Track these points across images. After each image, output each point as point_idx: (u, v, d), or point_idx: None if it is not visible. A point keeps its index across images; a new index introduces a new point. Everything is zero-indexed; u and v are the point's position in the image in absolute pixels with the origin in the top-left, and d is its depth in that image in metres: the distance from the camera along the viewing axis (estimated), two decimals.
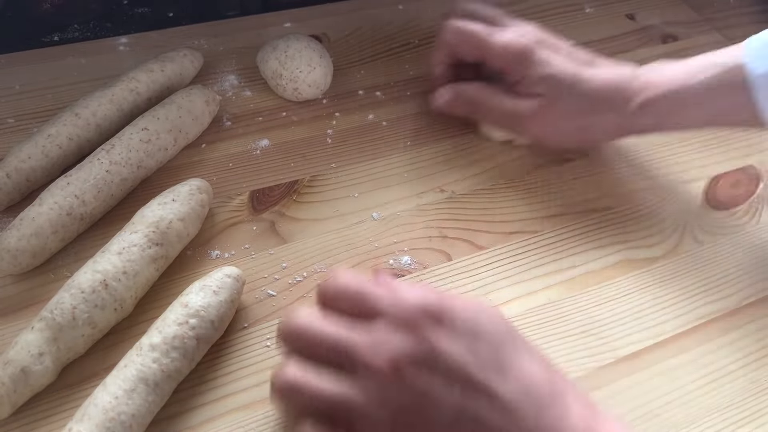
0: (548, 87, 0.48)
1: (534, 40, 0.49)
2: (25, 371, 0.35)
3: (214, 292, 0.39)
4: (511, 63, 0.49)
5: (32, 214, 0.42)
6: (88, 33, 0.60)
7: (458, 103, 0.52)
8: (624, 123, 0.48)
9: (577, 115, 0.48)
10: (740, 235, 0.49)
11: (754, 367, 0.42)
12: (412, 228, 0.47)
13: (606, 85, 0.47)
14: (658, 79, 0.47)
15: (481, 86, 0.51)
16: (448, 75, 0.53)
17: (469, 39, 0.50)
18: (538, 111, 0.48)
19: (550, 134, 0.50)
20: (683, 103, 0.46)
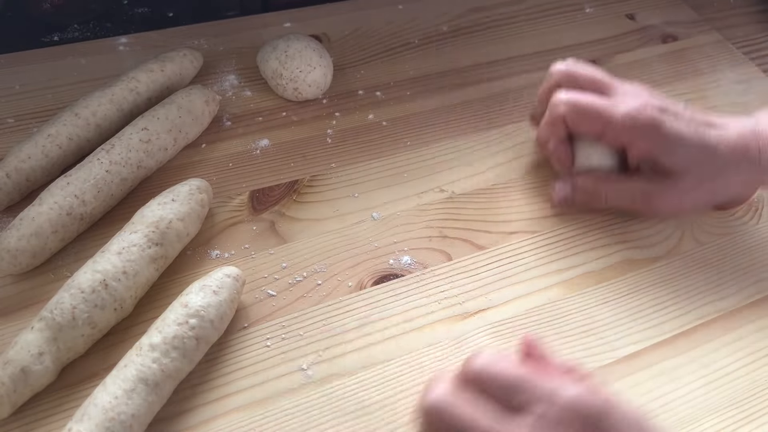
0: (677, 159, 0.45)
1: (657, 109, 0.45)
2: (25, 371, 0.35)
3: (214, 292, 0.39)
4: (637, 137, 0.45)
5: (32, 214, 0.42)
6: (88, 33, 0.60)
7: (582, 197, 0.48)
8: (755, 179, 0.46)
9: (709, 182, 0.46)
10: (740, 235, 0.49)
11: (754, 367, 0.42)
12: (412, 228, 0.47)
13: (734, 147, 0.45)
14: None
15: (600, 175, 0.48)
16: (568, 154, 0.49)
17: (588, 113, 0.46)
18: (669, 188, 0.46)
19: (683, 207, 0.48)
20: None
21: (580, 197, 0.48)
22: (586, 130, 0.47)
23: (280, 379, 0.39)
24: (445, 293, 0.44)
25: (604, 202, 0.48)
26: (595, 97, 0.47)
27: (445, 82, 0.59)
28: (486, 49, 0.63)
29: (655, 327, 0.43)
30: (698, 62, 0.63)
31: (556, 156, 0.49)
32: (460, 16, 0.66)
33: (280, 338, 0.41)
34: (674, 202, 0.47)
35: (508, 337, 0.42)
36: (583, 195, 0.48)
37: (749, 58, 0.64)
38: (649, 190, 0.46)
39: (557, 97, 0.47)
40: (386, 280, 0.44)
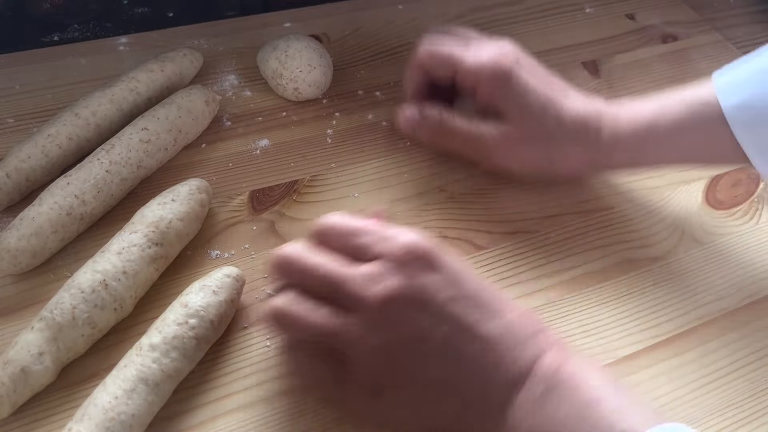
0: (520, 111, 0.46)
1: (513, 60, 0.46)
2: (25, 371, 0.36)
3: (213, 292, 0.39)
4: (486, 82, 0.46)
5: (32, 213, 0.42)
6: (88, 33, 0.60)
7: (422, 127, 0.50)
8: (593, 158, 0.46)
9: (544, 145, 0.46)
10: (740, 235, 0.49)
11: (754, 367, 0.42)
12: (411, 228, 0.47)
13: (577, 117, 0.46)
14: (628, 115, 0.46)
15: (446, 109, 0.49)
16: (419, 97, 0.50)
17: (442, 57, 0.47)
18: (503, 138, 0.46)
19: (514, 163, 0.48)
20: (654, 139, 0.45)
21: (425, 130, 0.50)
22: (440, 73, 0.48)
23: (280, 379, 0.39)
24: None
25: (447, 137, 0.49)
26: (456, 45, 0.48)
27: None
28: None
29: (655, 327, 0.43)
30: (698, 62, 0.63)
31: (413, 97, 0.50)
32: (460, 16, 0.66)
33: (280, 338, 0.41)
34: (507, 157, 0.48)
35: None
36: (428, 128, 0.49)
37: None
38: (487, 134, 0.47)
39: (420, 46, 0.49)
40: None
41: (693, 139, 0.45)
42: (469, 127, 0.48)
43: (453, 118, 0.48)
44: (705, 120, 0.44)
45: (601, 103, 0.47)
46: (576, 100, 0.47)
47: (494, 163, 0.49)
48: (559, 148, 0.46)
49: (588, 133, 0.46)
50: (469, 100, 0.49)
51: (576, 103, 0.46)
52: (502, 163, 0.48)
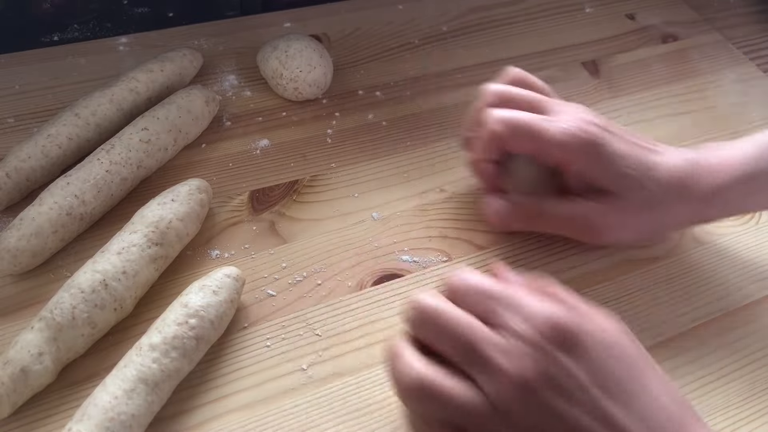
0: (620, 182, 0.43)
1: (597, 128, 0.43)
2: (25, 371, 0.35)
3: (213, 292, 0.39)
4: (576, 157, 0.43)
5: (32, 213, 0.42)
6: (88, 33, 0.60)
7: (516, 217, 0.46)
8: (694, 213, 0.45)
9: (647, 210, 0.43)
10: (740, 235, 0.49)
11: (754, 367, 0.42)
12: (412, 228, 0.47)
13: (673, 175, 0.43)
14: (723, 165, 0.44)
15: (536, 197, 0.45)
16: (495, 174, 0.46)
17: (523, 129, 0.43)
18: (608, 214, 0.44)
19: (621, 235, 0.45)
20: (754, 189, 0.44)
21: (518, 216, 0.46)
22: (522, 148, 0.44)
23: (280, 379, 0.39)
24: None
25: (541, 222, 0.46)
26: (531, 114, 0.44)
27: (445, 82, 0.59)
28: (486, 49, 0.63)
29: (655, 327, 0.43)
30: (698, 62, 0.63)
31: (486, 175, 0.46)
32: (460, 16, 0.66)
33: (280, 338, 0.41)
34: (614, 230, 0.44)
35: None
36: (521, 214, 0.46)
37: (749, 58, 0.64)
38: (591, 212, 0.44)
39: (491, 114, 0.44)
40: (386, 280, 0.44)
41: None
42: (571, 209, 0.44)
43: (548, 203, 0.45)
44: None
45: (692, 154, 0.45)
46: (668, 157, 0.44)
47: (600, 240, 0.46)
48: (661, 209, 0.44)
49: (688, 189, 0.43)
50: (526, 163, 0.45)
51: (669, 157, 0.44)
52: (609, 238, 0.45)
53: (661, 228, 0.46)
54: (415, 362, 0.33)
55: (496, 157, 0.45)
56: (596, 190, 0.43)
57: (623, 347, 0.32)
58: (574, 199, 0.44)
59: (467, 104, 0.56)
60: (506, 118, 0.43)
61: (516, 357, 0.31)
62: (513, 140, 0.43)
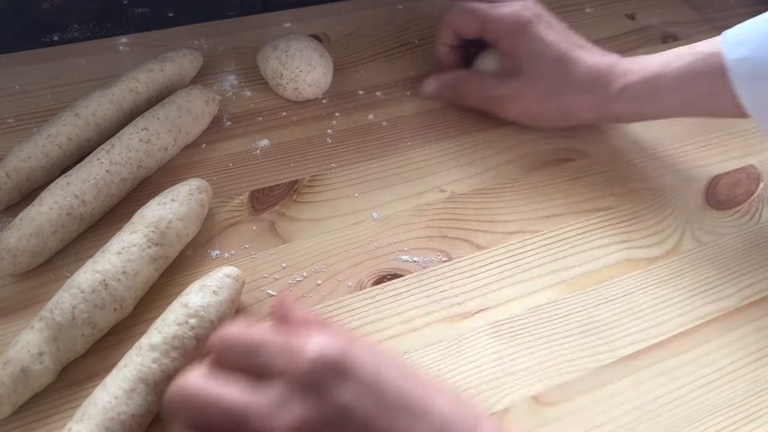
0: (536, 62, 0.49)
1: (533, 13, 0.50)
2: (25, 371, 0.35)
3: (213, 292, 0.39)
4: (507, 34, 0.50)
5: (32, 213, 0.42)
6: (88, 33, 0.60)
7: (444, 91, 0.54)
8: (602, 106, 0.49)
9: (557, 96, 0.50)
10: (740, 235, 0.49)
11: (754, 367, 0.42)
12: (412, 228, 0.47)
13: (589, 68, 0.49)
14: (636, 65, 0.49)
15: (463, 72, 0.54)
16: (452, 58, 0.55)
17: (469, 14, 0.52)
18: (518, 92, 0.51)
19: (530, 115, 0.52)
20: (659, 88, 0.47)
21: (447, 94, 0.54)
22: (467, 30, 0.52)
23: None
24: (445, 293, 0.44)
25: (464, 98, 0.54)
26: (482, 3, 0.51)
27: None
28: None
29: (655, 327, 0.43)
30: None
31: (443, 58, 0.55)
32: None
33: None
34: (522, 109, 0.52)
35: (509, 336, 0.42)
36: (449, 92, 0.54)
37: None
38: (502, 92, 0.51)
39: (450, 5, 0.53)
40: (386, 280, 0.44)
41: (695, 90, 0.47)
42: (483, 89, 0.53)
43: (468, 81, 0.53)
44: (708, 71, 0.46)
45: (615, 58, 0.50)
46: (590, 54, 0.50)
47: (511, 117, 0.53)
48: (570, 100, 0.50)
49: (599, 83, 0.49)
50: (489, 57, 0.54)
51: (591, 54, 0.50)
52: (518, 116, 0.53)
53: (565, 114, 0.52)
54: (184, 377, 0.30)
55: (451, 41, 0.54)
56: (513, 72, 0.51)
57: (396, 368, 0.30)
58: (489, 80, 0.52)
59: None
60: (459, 6, 0.52)
61: (285, 411, 0.28)
62: (460, 24, 0.53)
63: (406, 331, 0.42)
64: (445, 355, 0.41)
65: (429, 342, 0.41)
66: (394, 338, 0.41)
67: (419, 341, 0.41)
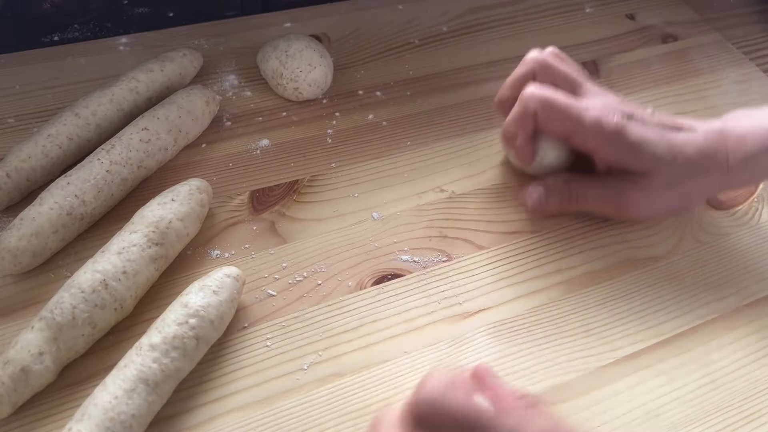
0: (647, 165, 0.45)
1: (624, 116, 0.45)
2: (25, 371, 0.36)
3: (213, 292, 0.39)
4: (604, 142, 0.45)
5: (32, 213, 0.42)
6: (88, 33, 0.60)
7: (550, 202, 0.48)
8: (723, 182, 0.46)
9: (678, 185, 0.46)
10: (740, 235, 0.49)
11: (754, 367, 0.42)
12: (412, 228, 0.47)
13: (701, 150, 0.45)
14: (750, 133, 0.45)
15: (570, 176, 0.48)
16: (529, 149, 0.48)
17: (560, 113, 0.45)
18: (638, 190, 0.46)
19: (653, 210, 0.47)
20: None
21: (553, 199, 0.47)
22: (556, 130, 0.46)
23: (280, 379, 0.39)
24: (445, 293, 0.44)
25: (576, 203, 0.47)
26: (567, 97, 0.45)
27: (445, 82, 0.59)
28: (486, 49, 0.63)
29: (655, 327, 0.43)
30: (698, 62, 0.63)
31: (521, 152, 0.48)
32: (460, 16, 0.66)
33: (280, 338, 0.41)
34: (645, 203, 0.46)
35: (508, 337, 0.42)
36: (556, 196, 0.47)
37: (749, 58, 0.64)
38: (621, 191, 0.46)
39: (530, 91, 0.45)
40: (386, 280, 0.44)
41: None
42: (603, 187, 0.47)
43: (583, 184, 0.47)
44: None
45: (718, 124, 0.46)
46: (694, 130, 0.46)
47: (633, 216, 0.48)
48: (692, 182, 0.46)
49: (718, 161, 0.45)
50: (554, 145, 0.48)
51: (695, 132, 0.45)
52: (641, 214, 0.48)
53: (690, 200, 0.48)
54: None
55: (529, 132, 0.47)
56: (629, 173, 0.45)
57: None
58: (605, 179, 0.47)
59: (468, 104, 0.57)
60: (546, 98, 0.45)
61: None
62: (549, 121, 0.45)
63: (406, 331, 0.42)
64: (445, 355, 0.41)
65: (429, 342, 0.41)
66: (394, 338, 0.41)
67: (419, 341, 0.41)
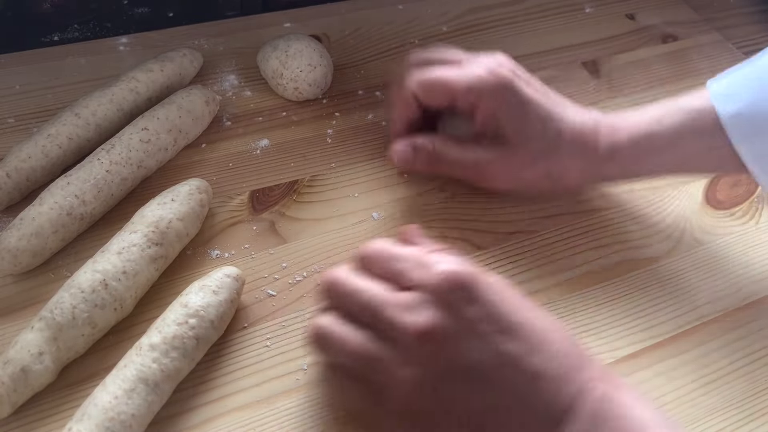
0: (521, 123, 0.44)
1: (511, 71, 0.44)
2: (25, 370, 0.36)
3: (213, 292, 0.39)
4: (487, 97, 0.44)
5: (32, 213, 0.42)
6: (88, 33, 0.60)
7: (416, 159, 0.47)
8: (590, 169, 0.46)
9: (546, 158, 0.45)
10: (740, 235, 0.49)
11: (754, 367, 0.42)
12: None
13: (576, 129, 0.45)
14: (623, 124, 0.45)
15: (440, 138, 0.47)
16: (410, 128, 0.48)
17: (437, 84, 0.45)
18: (503, 160, 0.45)
19: (515, 183, 0.47)
20: (650, 148, 0.44)
21: (420, 162, 0.47)
22: (437, 101, 0.46)
23: (280, 379, 0.39)
24: None
25: (440, 165, 0.47)
26: (442, 68, 0.46)
27: None
28: (485, 49, 0.62)
29: (655, 327, 0.43)
30: (698, 62, 0.64)
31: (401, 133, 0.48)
32: (460, 16, 0.66)
33: (280, 338, 0.41)
34: (507, 177, 0.47)
35: None
36: (423, 160, 0.47)
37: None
38: (484, 158, 0.46)
39: (410, 78, 0.46)
40: None
41: (691, 148, 0.44)
42: (465, 153, 0.46)
43: (447, 145, 0.47)
44: (702, 129, 0.43)
45: (597, 114, 0.46)
46: (574, 112, 0.46)
47: (494, 186, 0.48)
48: (559, 163, 0.45)
49: (587, 144, 0.45)
50: (455, 120, 0.47)
51: (574, 115, 0.45)
52: (502, 185, 0.48)
53: (549, 181, 0.47)
54: (321, 318, 0.36)
55: (412, 114, 0.47)
56: (494, 138, 0.45)
57: (511, 294, 0.34)
58: (468, 145, 0.46)
59: None
60: (419, 77, 0.46)
61: (417, 311, 0.33)
62: (428, 96, 0.46)
63: None
64: None
65: None
66: None
67: None
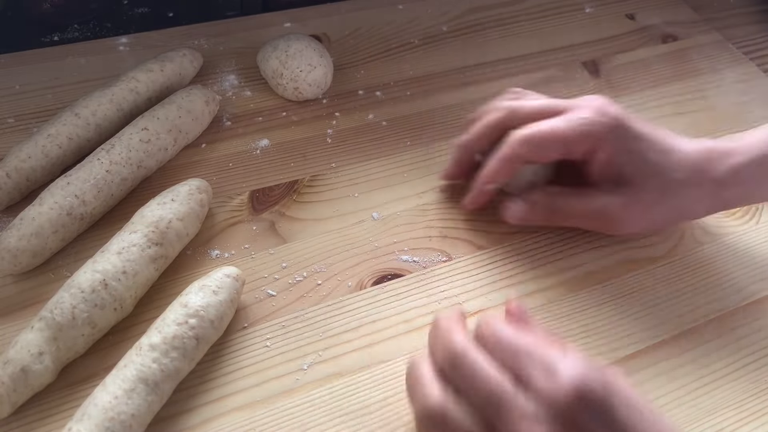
0: (641, 163, 0.42)
1: (616, 111, 0.42)
2: (25, 370, 0.36)
3: (213, 292, 0.39)
4: (600, 142, 0.42)
5: (32, 213, 0.42)
6: (88, 33, 0.60)
7: (534, 215, 0.46)
8: (711, 198, 0.44)
9: (667, 198, 0.43)
10: (740, 235, 0.49)
11: (754, 367, 0.42)
12: (412, 228, 0.47)
13: (691, 158, 0.43)
14: (738, 146, 0.43)
15: (554, 190, 0.45)
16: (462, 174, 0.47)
17: (548, 139, 0.42)
18: (628, 202, 0.43)
19: (642, 225, 0.45)
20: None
21: (536, 214, 0.46)
22: (551, 157, 0.44)
23: (280, 379, 0.39)
24: (445, 293, 0.44)
25: (561, 218, 0.46)
26: (547, 122, 0.43)
27: (445, 82, 0.59)
28: (486, 49, 0.63)
29: (655, 327, 0.43)
30: (698, 62, 0.64)
31: (480, 197, 0.46)
32: (460, 16, 0.66)
33: (280, 338, 0.41)
34: (634, 221, 0.44)
35: None
36: (539, 211, 0.45)
37: (749, 58, 0.64)
38: (611, 204, 0.43)
39: (514, 137, 0.43)
40: (386, 280, 0.44)
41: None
42: (589, 203, 0.44)
43: (566, 198, 0.45)
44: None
45: (706, 140, 0.45)
46: (684, 141, 0.44)
47: (621, 232, 0.46)
48: (686, 195, 0.43)
49: (705, 172, 0.43)
50: (533, 167, 0.46)
51: (685, 144, 0.44)
52: (633, 229, 0.45)
53: (678, 216, 0.46)
54: (435, 390, 0.33)
55: (511, 172, 0.45)
56: (614, 182, 0.43)
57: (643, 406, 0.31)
58: (591, 193, 0.44)
59: (468, 104, 0.57)
60: (527, 137, 0.43)
61: (536, 424, 0.30)
62: (538, 152, 0.43)
63: (406, 331, 0.42)
64: None
65: None
66: (394, 338, 0.41)
67: (419, 341, 0.41)
